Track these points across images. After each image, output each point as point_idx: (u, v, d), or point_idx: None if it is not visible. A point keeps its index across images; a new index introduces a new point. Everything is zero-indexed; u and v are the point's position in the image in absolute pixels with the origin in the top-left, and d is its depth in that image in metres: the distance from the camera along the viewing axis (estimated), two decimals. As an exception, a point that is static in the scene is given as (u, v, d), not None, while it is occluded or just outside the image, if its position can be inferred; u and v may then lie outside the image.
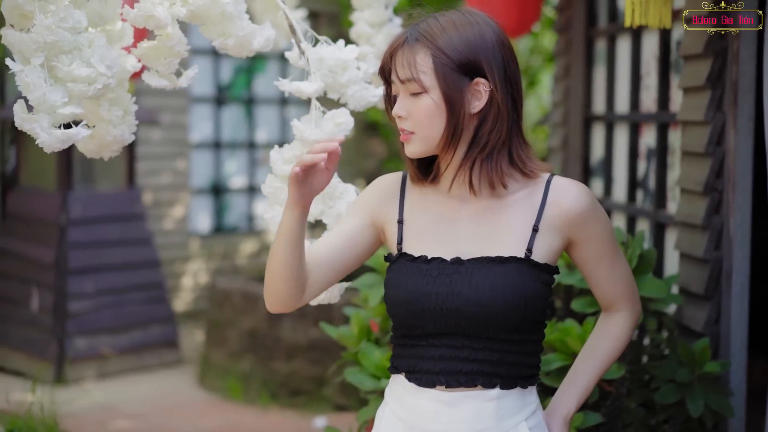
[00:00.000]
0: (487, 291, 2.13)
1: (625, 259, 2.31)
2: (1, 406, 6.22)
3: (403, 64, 2.15)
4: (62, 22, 2.41)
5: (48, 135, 2.38)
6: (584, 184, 2.23)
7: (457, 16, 2.16)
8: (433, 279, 2.17)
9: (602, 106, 4.84)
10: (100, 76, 2.45)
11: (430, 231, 2.23)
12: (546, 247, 2.18)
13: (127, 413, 6.35)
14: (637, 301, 2.34)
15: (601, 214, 2.22)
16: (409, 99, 2.16)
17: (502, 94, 2.13)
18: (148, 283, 7.52)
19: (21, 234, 7.40)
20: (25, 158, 7.55)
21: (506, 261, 2.15)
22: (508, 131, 2.15)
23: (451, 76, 2.11)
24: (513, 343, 2.16)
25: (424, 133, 2.16)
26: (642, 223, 4.34)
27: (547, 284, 2.18)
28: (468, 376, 2.16)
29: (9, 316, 7.27)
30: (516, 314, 2.12)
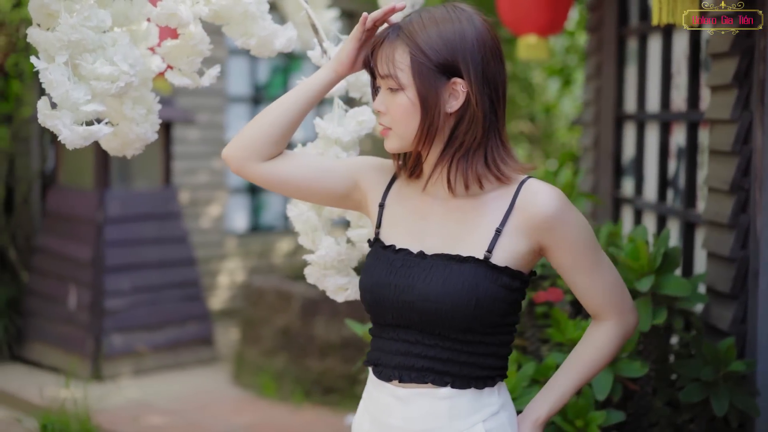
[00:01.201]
0: (438, 287, 2.12)
1: (611, 268, 2.23)
2: (36, 401, 6.31)
3: (383, 59, 2.15)
4: (86, 21, 2.44)
5: (70, 132, 2.41)
6: (557, 189, 2.16)
7: (441, 12, 2.14)
8: (396, 270, 2.19)
9: (633, 105, 4.82)
10: (122, 74, 2.47)
11: (404, 222, 2.25)
12: (509, 250, 2.14)
13: (161, 410, 6.40)
14: (627, 312, 2.25)
15: (573, 220, 2.15)
16: (388, 94, 2.17)
17: (478, 95, 2.11)
18: (183, 281, 7.58)
19: (59, 232, 7.48)
20: (64, 157, 7.64)
21: (464, 260, 2.14)
22: (484, 133, 2.13)
23: (427, 75, 2.10)
24: (466, 344, 2.15)
25: (399, 130, 2.17)
26: (672, 223, 4.32)
27: (508, 288, 2.13)
28: (419, 372, 2.17)
29: (47, 313, 7.36)
30: (465, 314, 2.10)
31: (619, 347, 2.26)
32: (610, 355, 2.26)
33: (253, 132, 2.28)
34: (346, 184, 2.32)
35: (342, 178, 2.32)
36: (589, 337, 2.26)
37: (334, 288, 2.69)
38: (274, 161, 2.30)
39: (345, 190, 2.32)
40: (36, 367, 7.31)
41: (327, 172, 2.31)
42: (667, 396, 3.27)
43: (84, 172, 7.40)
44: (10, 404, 6.61)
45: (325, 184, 2.31)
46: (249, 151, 2.28)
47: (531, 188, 2.15)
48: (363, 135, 2.67)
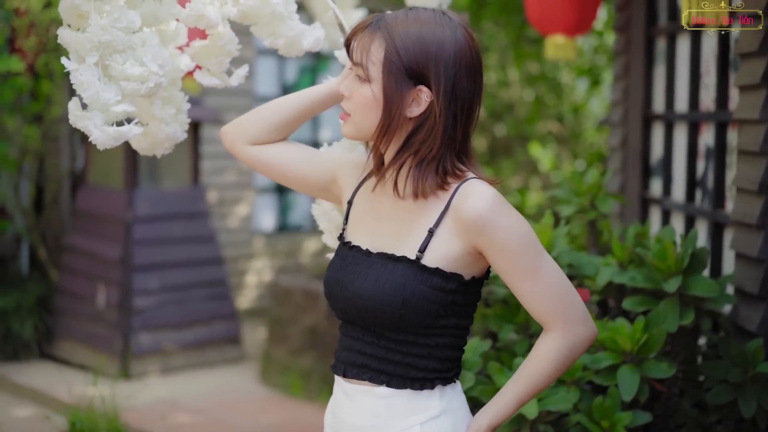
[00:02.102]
0: (370, 285, 2.15)
1: (555, 275, 2.14)
2: (65, 399, 6.35)
3: (359, 46, 2.16)
4: (116, 22, 2.46)
5: (100, 132, 2.43)
6: (492, 191, 2.13)
7: (428, 16, 2.13)
8: (346, 266, 2.23)
9: (662, 105, 4.80)
10: (152, 74, 2.49)
11: (363, 220, 2.28)
12: (441, 251, 2.13)
13: (188, 408, 6.43)
14: (575, 323, 2.15)
15: (505, 223, 2.10)
16: (355, 81, 2.18)
17: (442, 108, 2.10)
18: (211, 280, 7.61)
19: (89, 231, 7.53)
20: (93, 157, 7.69)
21: (398, 260, 2.15)
22: (441, 146, 2.12)
23: (395, 76, 2.10)
24: (399, 343, 2.16)
25: (357, 120, 2.18)
26: (700, 223, 4.30)
27: (440, 289, 2.12)
28: (359, 369, 2.21)
29: (76, 311, 7.41)
30: (393, 313, 2.11)
31: (566, 360, 2.16)
32: (554, 368, 2.17)
33: (252, 116, 2.43)
34: (325, 177, 2.39)
35: (323, 170, 2.39)
36: (534, 349, 2.19)
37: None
38: (264, 145, 2.42)
39: (324, 182, 2.39)
40: (65, 365, 7.37)
41: (310, 163, 2.39)
42: (695, 397, 3.26)
43: (113, 172, 7.45)
44: (39, 401, 6.67)
45: (306, 173, 2.39)
46: (242, 131, 2.42)
47: (464, 190, 2.13)
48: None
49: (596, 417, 2.96)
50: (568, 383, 3.06)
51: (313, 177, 2.39)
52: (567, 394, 3.01)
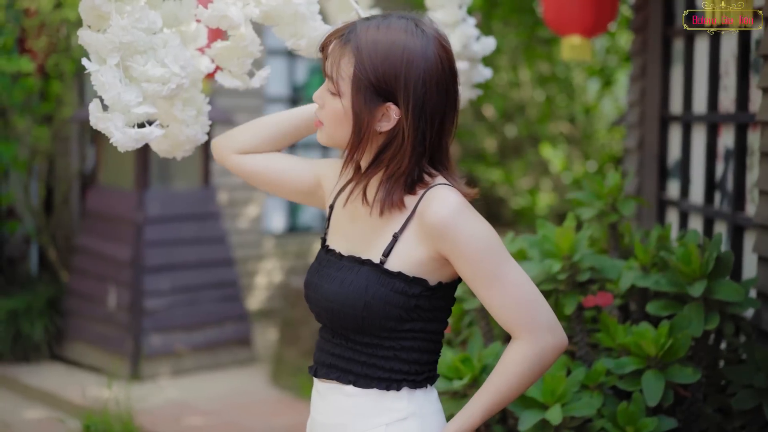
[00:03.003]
0: (336, 288, 2.18)
1: (520, 282, 2.12)
2: (76, 401, 6.33)
3: (331, 59, 2.17)
4: (138, 22, 2.43)
5: (122, 134, 2.40)
6: (455, 196, 2.12)
7: (399, 30, 2.12)
8: (321, 269, 2.27)
9: (679, 107, 4.76)
10: (174, 76, 2.46)
11: (341, 224, 2.30)
12: (404, 256, 2.14)
13: (200, 410, 6.40)
14: (541, 331, 2.11)
15: (467, 229, 2.09)
16: (327, 92, 2.18)
17: (410, 127, 2.10)
18: (222, 282, 7.59)
19: (99, 232, 7.51)
20: (104, 157, 7.67)
21: (363, 263, 2.18)
22: (409, 163, 2.13)
23: (365, 93, 2.11)
24: (365, 345, 2.18)
25: (328, 130, 2.21)
26: (719, 226, 4.27)
27: (403, 294, 2.13)
28: (328, 368, 2.24)
29: (87, 313, 7.39)
30: (355, 315, 2.14)
31: (534, 369, 2.12)
32: (521, 378, 2.13)
33: (244, 128, 2.51)
34: (310, 183, 2.43)
35: (308, 176, 2.43)
36: (501, 358, 2.16)
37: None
38: (251, 154, 2.48)
39: (309, 188, 2.44)
40: (75, 367, 7.34)
41: (294, 170, 2.44)
42: (718, 402, 3.23)
43: (124, 173, 7.43)
44: (50, 403, 6.64)
45: (291, 180, 2.45)
46: (232, 141, 2.51)
47: (429, 195, 2.14)
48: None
49: (621, 423, 2.92)
50: (591, 388, 3.02)
51: (298, 183, 2.45)
52: (590, 399, 2.98)
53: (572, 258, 3.17)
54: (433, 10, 3.37)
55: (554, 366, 3.02)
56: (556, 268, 3.14)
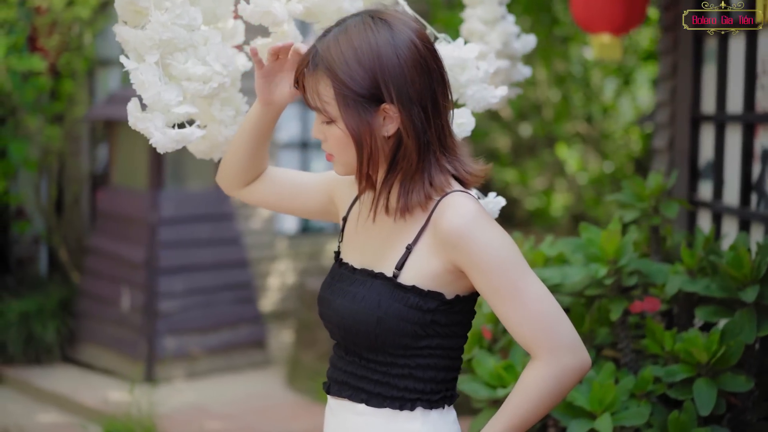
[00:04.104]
0: (347, 303, 2.08)
1: (541, 298, 1.98)
2: (91, 405, 6.25)
3: (308, 91, 2.08)
4: (178, 18, 2.34)
5: (162, 135, 2.31)
6: (471, 204, 2.02)
7: (358, 30, 2.03)
8: (333, 284, 2.18)
9: (712, 106, 4.66)
10: (215, 74, 2.38)
11: (355, 236, 2.21)
12: (418, 268, 2.04)
13: (217, 414, 6.32)
14: (562, 351, 1.97)
15: (482, 239, 1.98)
16: (322, 124, 2.09)
17: (404, 116, 2.01)
18: (236, 283, 7.50)
19: (112, 233, 7.42)
20: (117, 157, 7.56)
21: (375, 277, 2.08)
22: (419, 157, 2.04)
23: (354, 108, 2.01)
24: (378, 363, 2.08)
25: (341, 159, 2.10)
26: (756, 228, 4.17)
27: (418, 308, 2.02)
28: (340, 385, 2.15)
29: (99, 314, 7.30)
30: (368, 331, 2.04)
31: (553, 392, 1.99)
32: (540, 401, 1.99)
33: (225, 164, 2.45)
34: (321, 200, 2.36)
35: (317, 193, 2.36)
36: (519, 379, 2.03)
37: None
38: (253, 184, 2.42)
39: (321, 205, 2.37)
40: (88, 369, 7.26)
41: (302, 190, 2.38)
42: (765, 411, 3.13)
43: (137, 173, 7.33)
44: (63, 407, 6.56)
45: (300, 201, 2.38)
46: (227, 181, 2.45)
47: (444, 203, 2.04)
48: (462, 138, 2.56)
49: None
50: (638, 396, 2.93)
51: (309, 204, 2.38)
52: (639, 408, 2.89)
53: (618, 262, 3.07)
54: (473, 7, 3.28)
55: (602, 374, 2.93)
56: (602, 272, 3.05)
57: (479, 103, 2.60)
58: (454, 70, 2.57)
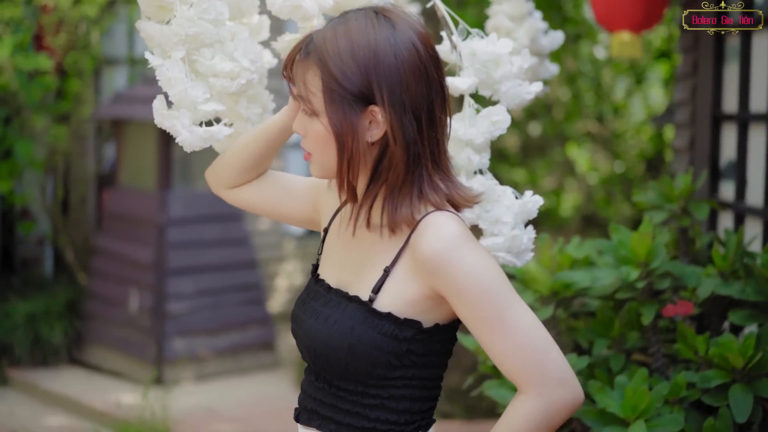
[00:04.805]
0: (319, 326, 1.93)
1: (528, 328, 1.83)
2: (99, 407, 6.18)
3: (296, 78, 1.95)
4: (204, 13, 2.27)
5: (189, 133, 2.24)
6: (452, 226, 1.86)
7: (359, 24, 1.89)
8: (307, 302, 2.03)
9: (734, 105, 4.59)
10: (243, 70, 2.31)
11: (334, 251, 2.06)
12: (396, 293, 1.88)
13: (227, 417, 6.25)
14: (551, 385, 1.82)
15: (465, 264, 1.82)
16: (305, 117, 1.95)
17: (395, 124, 1.85)
18: (245, 284, 7.43)
19: (119, 233, 7.34)
20: (124, 157, 7.49)
21: (350, 300, 1.93)
22: (407, 169, 1.88)
23: (341, 105, 1.87)
24: (349, 392, 1.93)
25: (319, 159, 1.96)
26: (781, 229, 4.11)
27: (393, 337, 1.87)
28: (309, 413, 2.01)
29: (107, 316, 7.22)
30: (338, 359, 1.89)
31: (543, 428, 1.83)
32: None
33: (222, 161, 2.28)
34: (304, 208, 2.22)
35: (303, 202, 2.23)
36: (504, 413, 1.88)
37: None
38: (242, 187, 2.27)
39: (305, 213, 2.23)
40: (95, 371, 7.19)
41: (289, 197, 2.24)
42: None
43: (145, 173, 7.25)
44: (70, 409, 6.49)
45: (287, 209, 2.25)
46: (217, 178, 2.29)
47: (425, 223, 1.87)
48: (497, 136, 2.49)
49: (708, 440, 2.75)
50: (671, 402, 2.85)
51: (295, 212, 2.24)
52: (673, 415, 2.81)
53: (650, 265, 3.00)
54: (499, 3, 3.21)
55: (635, 380, 2.85)
56: (634, 275, 2.97)
57: (514, 100, 2.52)
58: (488, 65, 2.50)
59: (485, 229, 2.46)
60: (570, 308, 3.25)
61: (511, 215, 2.43)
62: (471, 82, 2.45)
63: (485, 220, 2.44)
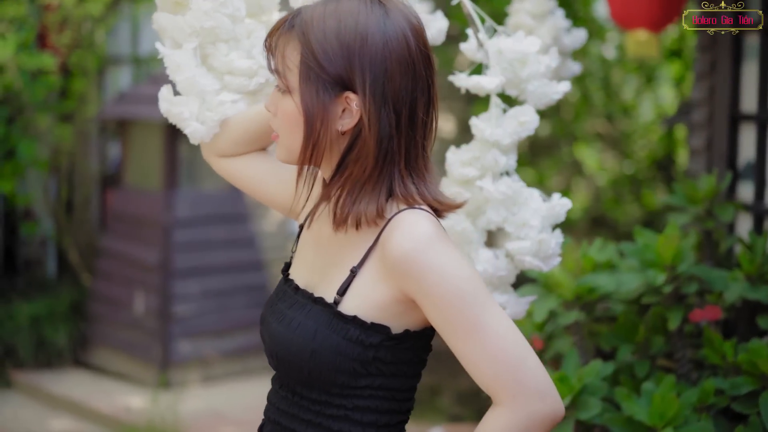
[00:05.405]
0: (282, 329, 1.82)
1: (505, 334, 1.70)
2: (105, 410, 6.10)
3: (276, 51, 1.82)
4: (222, 7, 2.21)
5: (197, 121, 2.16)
6: (422, 226, 1.73)
7: (351, 6, 1.76)
8: (276, 303, 1.91)
9: (753, 105, 4.51)
10: (261, 69, 2.25)
11: (305, 249, 1.94)
12: (363, 296, 1.76)
13: (235, 420, 6.18)
14: (528, 396, 1.68)
15: (436, 266, 1.70)
16: (278, 94, 1.84)
17: (371, 115, 1.73)
18: (252, 286, 7.35)
19: (124, 234, 7.26)
20: (129, 157, 7.40)
21: (315, 302, 1.81)
22: (377, 164, 1.75)
23: (315, 84, 1.75)
24: (311, 402, 1.81)
25: (284, 140, 1.84)
26: (803, 231, 4.03)
27: (359, 343, 1.75)
28: (273, 425, 1.89)
29: (112, 318, 7.14)
30: (300, 365, 1.78)
31: None
32: None
33: (226, 128, 2.16)
34: (289, 196, 2.05)
35: (287, 188, 2.07)
36: (479, 426, 1.76)
37: (491, 307, 2.42)
38: (232, 158, 2.17)
39: (290, 201, 2.06)
40: (100, 373, 7.11)
41: (275, 180, 2.11)
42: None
43: (151, 173, 7.16)
44: (76, 412, 6.41)
45: (269, 191, 2.12)
46: (212, 143, 2.17)
47: (394, 222, 1.75)
48: (524, 137, 2.41)
49: (738, 448, 2.68)
50: (699, 409, 2.78)
51: (277, 197, 2.10)
52: (701, 422, 2.74)
53: (676, 269, 2.92)
54: (521, 1, 3.13)
55: (663, 386, 2.77)
56: (661, 279, 2.89)
57: (541, 100, 2.45)
58: (515, 64, 2.42)
59: (511, 233, 2.39)
60: (593, 313, 3.18)
61: (539, 218, 2.35)
62: (498, 82, 2.38)
63: (511, 223, 2.36)
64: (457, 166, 2.39)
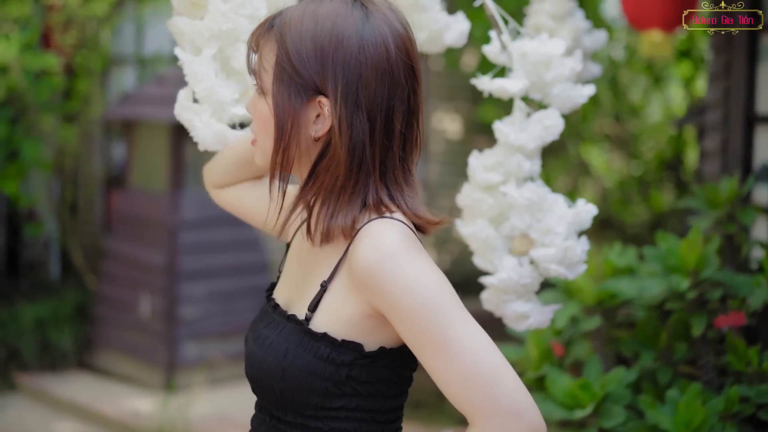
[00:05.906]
0: (257, 349, 1.76)
1: (478, 350, 1.59)
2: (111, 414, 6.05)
3: (258, 51, 1.77)
4: (240, 8, 2.16)
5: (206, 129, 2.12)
6: (391, 236, 1.64)
7: (331, 8, 1.69)
8: (258, 323, 1.84)
9: (768, 106, 4.47)
10: (282, 71, 2.18)
11: (289, 266, 1.89)
12: (333, 311, 1.69)
13: (240, 423, 6.12)
14: (503, 416, 1.57)
15: (402, 278, 1.61)
16: (256, 96, 1.78)
17: (344, 120, 1.65)
18: (257, 288, 7.29)
19: (130, 236, 7.20)
20: (135, 158, 7.35)
21: (289, 320, 1.74)
22: (348, 173, 1.67)
23: (287, 87, 1.68)
24: (287, 425, 1.74)
25: (260, 144, 1.77)
26: (821, 234, 3.98)
27: (330, 362, 1.67)
28: None
29: (117, 320, 7.09)
30: (273, 386, 1.71)
31: None
32: None
33: (215, 159, 2.18)
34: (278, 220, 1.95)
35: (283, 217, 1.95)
36: None
37: (514, 315, 2.37)
38: (227, 188, 2.16)
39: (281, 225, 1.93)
40: (105, 376, 7.06)
41: (264, 208, 1.99)
42: None
43: (156, 174, 7.11)
44: (81, 415, 6.36)
45: (263, 219, 2.02)
46: (209, 176, 2.20)
47: (362, 232, 1.67)
48: (549, 141, 2.36)
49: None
50: (723, 417, 2.73)
51: (271, 223, 1.97)
52: (725, 431, 2.68)
53: (700, 274, 2.87)
54: (540, 2, 3.07)
55: (687, 394, 2.72)
56: (684, 285, 2.84)
57: (566, 103, 2.40)
58: (539, 67, 2.37)
59: (536, 240, 2.34)
60: (615, 319, 3.12)
61: (564, 225, 2.31)
62: (522, 85, 2.33)
63: (536, 230, 2.31)
64: (480, 171, 2.34)
